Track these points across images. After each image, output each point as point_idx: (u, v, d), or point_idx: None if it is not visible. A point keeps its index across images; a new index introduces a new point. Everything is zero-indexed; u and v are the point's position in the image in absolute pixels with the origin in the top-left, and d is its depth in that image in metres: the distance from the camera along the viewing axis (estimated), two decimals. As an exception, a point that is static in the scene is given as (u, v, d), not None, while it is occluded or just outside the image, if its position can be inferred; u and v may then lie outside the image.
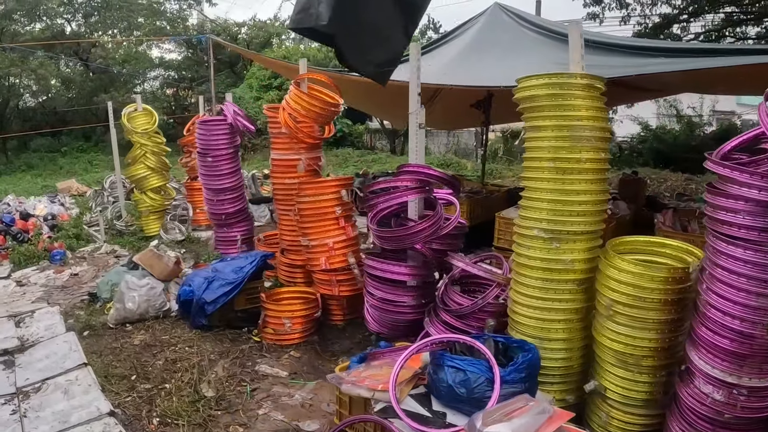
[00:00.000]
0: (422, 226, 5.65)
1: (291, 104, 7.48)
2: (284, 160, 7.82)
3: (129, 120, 11.41)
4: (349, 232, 7.29)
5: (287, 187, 7.75)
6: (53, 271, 9.95)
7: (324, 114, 7.61)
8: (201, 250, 10.85)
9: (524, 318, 4.56)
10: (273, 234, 9.41)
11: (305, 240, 7.21)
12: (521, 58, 8.66)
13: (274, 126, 7.83)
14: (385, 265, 5.93)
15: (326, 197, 7.14)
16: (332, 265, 7.09)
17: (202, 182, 9.24)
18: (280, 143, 7.83)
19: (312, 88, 7.75)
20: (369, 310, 6.22)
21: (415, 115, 5.80)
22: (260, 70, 24.94)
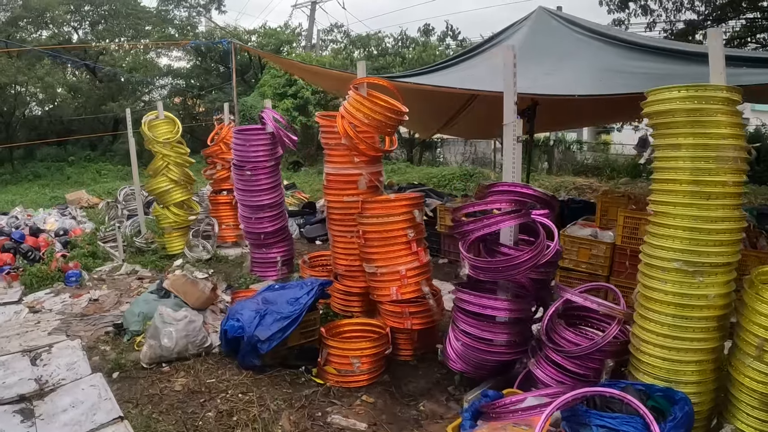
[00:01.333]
0: (526, 256, 4.76)
1: (351, 111, 6.43)
2: (342, 175, 6.78)
3: (150, 128, 10.31)
4: (422, 258, 6.27)
5: (345, 205, 6.75)
6: (69, 295, 8.84)
7: (388, 123, 6.57)
8: (231, 270, 9.75)
9: (652, 358, 4.08)
10: (319, 255, 8.34)
11: (370, 267, 6.21)
12: (576, 64, 8.12)
13: (330, 136, 6.80)
14: (483, 299, 5.10)
15: (396, 218, 6.16)
16: (404, 295, 6.11)
17: (238, 198, 8.16)
18: (337, 156, 6.80)
19: (371, 94, 6.67)
20: (452, 347, 5.39)
21: (512, 127, 5.01)
22: (274, 78, 23.90)
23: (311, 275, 7.63)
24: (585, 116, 12.72)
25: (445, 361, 5.48)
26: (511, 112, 4.97)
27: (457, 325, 5.31)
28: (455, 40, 23.51)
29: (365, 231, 6.27)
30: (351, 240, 6.85)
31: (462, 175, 19.77)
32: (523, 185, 5.06)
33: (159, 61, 32.23)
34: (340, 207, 6.84)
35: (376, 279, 6.24)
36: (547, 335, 4.89)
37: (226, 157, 11.12)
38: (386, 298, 6.22)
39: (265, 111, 7.99)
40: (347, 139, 6.47)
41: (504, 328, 5.09)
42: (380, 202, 6.39)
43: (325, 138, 6.87)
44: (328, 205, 6.99)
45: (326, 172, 6.94)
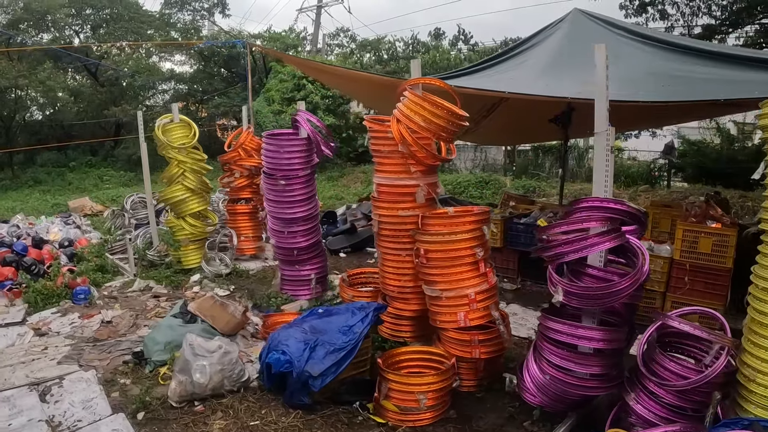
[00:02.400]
0: (627, 282, 4.18)
1: (408, 115, 5.62)
2: (396, 186, 5.95)
3: (164, 133, 9.42)
4: (491, 279, 5.54)
5: (400, 220, 5.92)
6: (79, 315, 7.95)
7: (449, 128, 5.74)
8: (254, 287, 8.86)
9: (767, 390, 3.68)
10: (360, 272, 7.46)
11: (433, 290, 5.44)
12: (630, 68, 7.45)
13: (381, 142, 5.97)
14: (580, 329, 4.46)
15: (462, 235, 5.41)
16: (473, 321, 5.40)
17: (269, 210, 7.28)
18: (390, 164, 5.96)
19: (427, 96, 5.83)
20: (532, 378, 4.80)
21: (604, 136, 4.39)
22: (281, 83, 23.02)
23: (354, 296, 6.76)
24: (624, 122, 11.90)
25: (521, 393, 4.90)
26: (603, 118, 4.37)
27: (542, 356, 4.68)
28: (467, 44, 22.74)
29: (427, 250, 5.52)
30: (405, 258, 6.05)
31: (477, 182, 18.95)
32: (616, 200, 4.42)
33: (162, 65, 31.31)
34: (394, 222, 6.00)
35: (440, 303, 5.50)
36: (645, 365, 4.33)
37: (244, 163, 10.26)
38: (452, 325, 5.48)
39: (299, 113, 7.12)
40: (404, 146, 5.66)
41: (599, 359, 4.47)
42: (444, 218, 5.62)
43: (375, 144, 6.02)
44: (379, 219, 6.12)
45: (377, 182, 6.07)
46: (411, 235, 5.88)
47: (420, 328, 6.25)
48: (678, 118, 13.98)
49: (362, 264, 10.29)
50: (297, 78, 22.22)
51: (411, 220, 5.91)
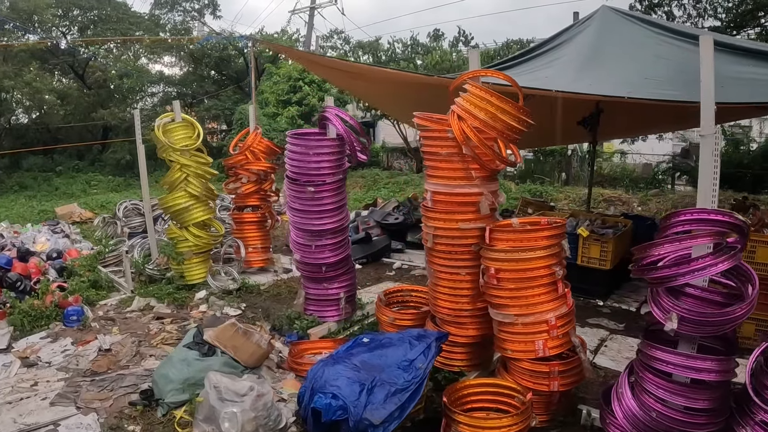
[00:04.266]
0: (745, 308, 3.55)
1: (472, 111, 4.73)
2: (456, 195, 4.96)
3: (165, 133, 8.32)
4: (569, 301, 4.69)
5: (460, 234, 4.94)
6: (72, 341, 6.85)
7: (516, 128, 4.83)
8: (267, 304, 7.80)
9: None
10: (397, 290, 6.45)
11: (505, 315, 4.62)
12: (676, 68, 6.85)
13: (436, 144, 4.99)
14: (696, 361, 3.72)
15: (540, 252, 4.52)
16: (552, 350, 4.61)
17: (293, 221, 6.23)
18: (448, 169, 4.97)
19: (492, 90, 4.88)
20: (623, 413, 4.04)
21: (712, 140, 3.79)
22: (276, 84, 21.92)
23: (395, 319, 5.76)
24: (655, 123, 11.03)
25: (607, 428, 4.17)
26: (710, 119, 3.75)
27: (645, 389, 3.91)
28: (467, 46, 21.77)
29: (498, 269, 4.62)
30: (464, 278, 5.12)
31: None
32: (723, 212, 3.73)
33: (151, 68, 30.08)
34: (452, 236, 5.03)
35: (513, 330, 4.65)
36: (757, 394, 3.61)
37: (251, 168, 9.17)
38: (528, 355, 4.64)
39: (327, 110, 6.07)
40: (468, 147, 4.67)
41: (711, 391, 3.75)
42: (519, 231, 4.62)
43: (429, 146, 5.02)
44: (434, 233, 5.09)
45: (432, 190, 5.06)
46: (473, 250, 4.99)
47: (476, 355, 5.41)
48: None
49: (381, 277, 9.27)
50: (293, 80, 21.12)
51: (473, 234, 5.00)
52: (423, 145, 5.16)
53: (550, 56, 8.84)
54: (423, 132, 5.12)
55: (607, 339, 6.66)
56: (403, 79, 8.63)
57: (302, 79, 20.99)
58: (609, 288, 8.31)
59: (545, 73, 8.22)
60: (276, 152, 9.47)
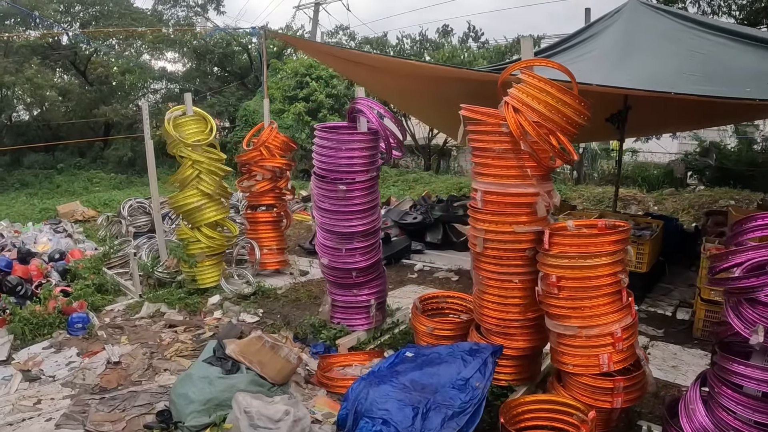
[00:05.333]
0: None
1: (529, 103, 4.21)
2: (510, 195, 4.40)
3: (175, 128, 7.70)
4: (633, 310, 4.25)
5: (514, 238, 4.40)
6: (77, 351, 6.26)
7: (577, 122, 4.33)
8: (287, 311, 7.19)
9: None
10: (433, 296, 5.86)
11: (567, 327, 4.15)
12: (719, 63, 6.54)
13: (487, 138, 4.43)
14: None
15: (605, 258, 4.03)
16: (618, 364, 4.13)
17: (321, 222, 5.62)
18: (500, 167, 4.41)
19: (550, 80, 4.31)
20: (694, 429, 3.58)
21: None
22: (283, 80, 21.25)
23: (434, 329, 5.17)
24: (685, 120, 10.47)
25: None
26: None
27: (723, 406, 3.47)
28: (477, 42, 21.18)
29: (560, 277, 4.10)
30: (516, 286, 4.57)
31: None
32: None
33: (154, 64, 29.36)
34: (505, 240, 4.46)
35: (575, 344, 4.17)
36: None
37: (266, 164, 8.55)
38: (590, 370, 4.15)
39: (359, 101, 5.45)
40: (525, 143, 4.08)
41: None
42: (583, 236, 4.06)
43: (481, 141, 4.45)
44: (485, 236, 4.50)
45: (482, 189, 4.47)
46: (528, 256, 4.46)
47: (525, 369, 4.93)
48: (737, 118, 12.65)
49: (404, 280, 8.66)
50: (299, 76, 20.46)
51: (527, 238, 4.44)
52: (471, 141, 4.59)
53: (579, 50, 8.33)
54: (472, 126, 4.54)
55: (648, 346, 6.15)
56: (439, 74, 8.05)
57: (309, 74, 20.33)
58: (643, 291, 7.82)
59: (577, 67, 7.64)
60: (292, 148, 8.86)
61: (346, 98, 21.17)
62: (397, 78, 9.28)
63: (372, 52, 16.76)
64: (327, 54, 10.90)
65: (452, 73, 8.37)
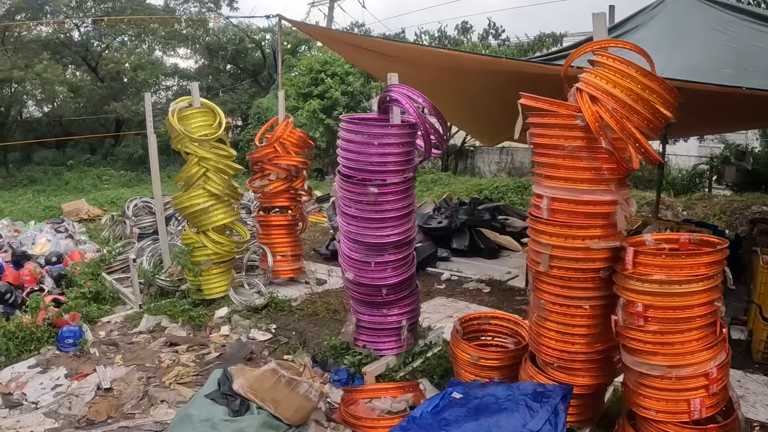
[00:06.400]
0: None
1: (608, 90, 3.37)
2: (582, 203, 3.54)
3: (180, 120, 6.84)
4: (727, 344, 3.42)
5: (587, 255, 3.56)
6: (66, 372, 5.44)
7: (662, 115, 3.44)
8: (302, 327, 6.31)
9: None
10: (474, 318, 4.97)
11: (652, 365, 3.35)
12: (751, 53, 5.98)
13: (558, 134, 3.59)
14: None
15: (701, 284, 3.22)
16: (710, 410, 3.33)
17: (346, 230, 4.73)
18: (571, 168, 3.56)
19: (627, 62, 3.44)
20: None
21: None
22: (297, 77, 20.43)
23: (479, 358, 4.29)
24: (738, 120, 9.55)
25: None
26: None
27: None
28: (497, 39, 20.27)
29: (648, 305, 3.29)
30: (585, 312, 3.70)
31: (516, 187, 16.46)
32: None
33: (165, 61, 28.64)
34: (576, 257, 3.58)
35: (661, 385, 3.34)
36: None
37: (281, 162, 7.70)
38: (679, 417, 3.35)
39: (393, 89, 4.56)
40: (607, 139, 3.22)
41: None
42: (676, 256, 3.23)
43: (544, 136, 3.63)
44: (551, 252, 3.61)
45: (549, 195, 3.60)
46: (602, 277, 3.60)
47: (588, 408, 4.05)
48: None
49: (431, 291, 7.78)
50: (314, 72, 19.62)
51: (601, 256, 3.57)
52: (535, 136, 3.71)
53: (628, 39, 7.59)
54: (536, 118, 3.66)
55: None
56: (480, 66, 7.25)
57: (324, 71, 19.49)
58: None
59: (625, 59, 6.89)
60: (309, 145, 8.01)
61: (361, 95, 20.32)
62: (422, 71, 8.41)
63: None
64: (345, 43, 10.00)
65: (497, 65, 7.51)
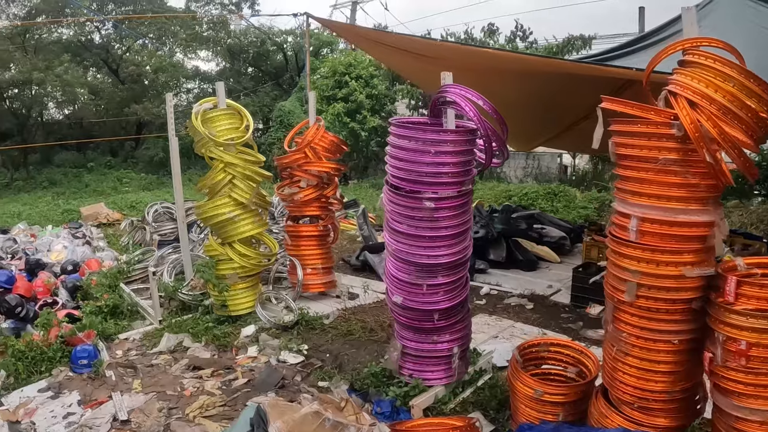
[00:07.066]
0: None
1: (707, 92, 2.88)
2: (677, 224, 3.00)
3: (204, 123, 6.30)
4: None
5: (679, 285, 3.03)
6: (79, 398, 4.91)
7: (763, 121, 2.90)
8: (338, 348, 5.73)
9: None
10: (534, 344, 4.38)
11: (752, 410, 2.84)
12: None
13: (649, 144, 3.05)
14: None
15: None
16: None
17: (394, 249, 4.15)
18: (664, 184, 3.04)
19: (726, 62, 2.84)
20: None
21: None
22: (321, 79, 19.92)
23: (543, 393, 3.71)
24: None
25: None
26: None
27: None
28: (525, 41, 19.62)
29: (751, 343, 2.78)
30: (673, 348, 3.17)
31: (546, 193, 15.77)
32: None
33: (186, 63, 28.29)
34: (668, 286, 3.04)
35: None
36: None
37: (311, 169, 7.14)
38: None
39: (449, 89, 3.97)
40: (709, 151, 2.67)
41: None
42: None
43: (632, 146, 3.09)
44: (638, 280, 3.03)
45: (639, 215, 3.00)
46: (692, 309, 3.08)
47: None
48: None
49: (471, 306, 7.11)
50: (338, 75, 19.10)
51: (695, 285, 3.04)
52: (619, 147, 3.13)
53: (657, 48, 7.11)
54: (621, 126, 3.07)
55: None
56: (534, 67, 6.71)
57: (348, 73, 18.96)
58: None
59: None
60: (343, 150, 7.44)
61: (386, 99, 19.74)
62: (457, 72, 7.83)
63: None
64: (374, 42, 9.39)
65: (549, 66, 6.97)
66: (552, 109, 9.18)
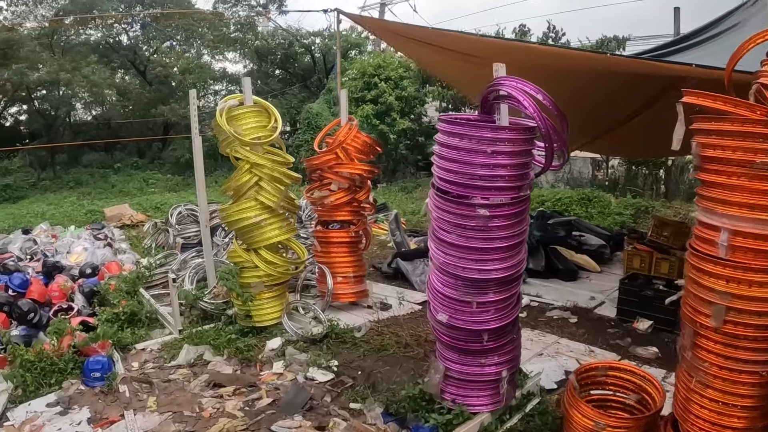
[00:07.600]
0: None
1: None
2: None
3: (230, 121, 5.87)
4: None
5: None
6: (90, 416, 4.48)
7: None
8: (370, 365, 5.25)
9: None
10: (590, 368, 3.87)
11: None
12: None
13: (739, 143, 2.55)
14: None
15: None
16: None
17: (440, 261, 3.65)
18: (756, 191, 2.54)
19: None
20: None
21: None
22: (351, 80, 19.52)
23: (605, 426, 3.18)
24: None
25: None
26: None
27: None
28: (557, 43, 19.01)
29: None
30: (761, 380, 2.77)
31: (580, 199, 15.16)
32: None
33: (214, 65, 28.16)
34: (760, 310, 2.61)
35: None
36: None
37: (343, 170, 6.69)
38: None
39: (504, 82, 3.46)
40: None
41: None
42: None
43: (722, 147, 2.60)
44: (729, 303, 2.56)
45: (730, 227, 2.50)
46: None
47: None
48: None
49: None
50: (367, 76, 18.68)
51: None
52: (705, 147, 2.63)
53: (728, 39, 6.71)
54: (706, 124, 2.57)
55: None
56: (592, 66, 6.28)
57: (377, 75, 18.53)
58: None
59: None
60: (376, 151, 6.97)
61: (416, 101, 19.27)
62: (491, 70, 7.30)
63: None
64: (406, 38, 8.87)
65: (600, 64, 6.49)
66: (591, 111, 8.66)
